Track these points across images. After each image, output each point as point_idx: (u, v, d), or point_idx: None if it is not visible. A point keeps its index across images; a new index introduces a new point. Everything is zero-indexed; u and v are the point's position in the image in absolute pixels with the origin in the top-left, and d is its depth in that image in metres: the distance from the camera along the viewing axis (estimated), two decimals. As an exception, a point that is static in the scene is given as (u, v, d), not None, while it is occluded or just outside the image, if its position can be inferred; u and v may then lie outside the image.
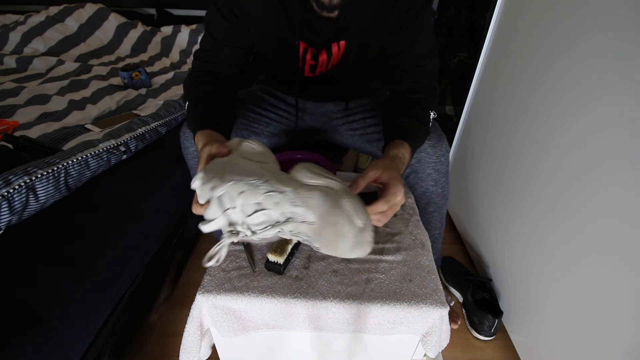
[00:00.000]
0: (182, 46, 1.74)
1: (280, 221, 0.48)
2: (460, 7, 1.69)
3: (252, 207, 0.47)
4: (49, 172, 0.69)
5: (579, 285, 0.71)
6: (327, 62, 0.76)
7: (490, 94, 1.10)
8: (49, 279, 0.62)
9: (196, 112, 0.69)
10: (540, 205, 0.83)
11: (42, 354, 0.55)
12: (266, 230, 0.48)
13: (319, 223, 0.48)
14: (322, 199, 0.48)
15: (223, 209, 0.48)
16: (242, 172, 0.49)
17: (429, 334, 0.62)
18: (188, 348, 0.63)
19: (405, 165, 0.63)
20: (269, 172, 0.51)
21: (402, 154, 0.62)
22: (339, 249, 0.49)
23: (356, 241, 0.48)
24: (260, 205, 0.47)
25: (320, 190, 0.49)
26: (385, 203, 0.54)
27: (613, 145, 0.63)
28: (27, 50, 1.61)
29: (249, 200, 0.47)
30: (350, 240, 0.48)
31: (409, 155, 0.65)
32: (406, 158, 0.63)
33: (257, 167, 0.51)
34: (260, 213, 0.47)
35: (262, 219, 0.47)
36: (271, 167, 0.54)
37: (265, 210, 0.47)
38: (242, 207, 0.47)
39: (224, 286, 0.61)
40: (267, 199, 0.47)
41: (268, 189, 0.47)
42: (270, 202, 0.47)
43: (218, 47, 0.74)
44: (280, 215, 0.48)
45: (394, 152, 0.62)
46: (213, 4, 0.70)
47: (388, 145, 0.65)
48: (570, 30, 0.74)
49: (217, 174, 0.49)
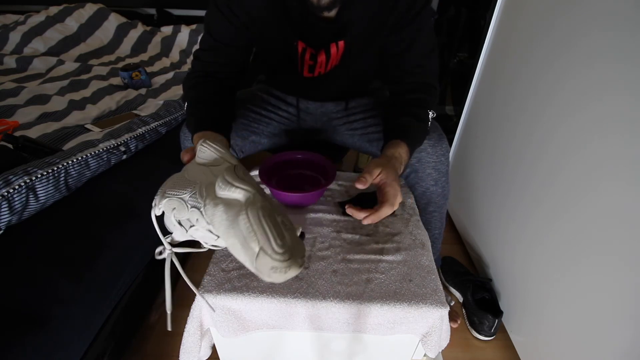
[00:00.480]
0: (182, 46, 1.74)
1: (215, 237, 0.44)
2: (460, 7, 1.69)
3: (187, 222, 0.45)
4: (49, 172, 0.69)
5: (579, 285, 0.71)
6: (326, 62, 0.76)
7: (490, 94, 1.10)
8: (49, 279, 0.62)
9: (195, 113, 0.69)
10: (540, 205, 0.83)
11: (42, 354, 0.55)
12: (211, 239, 0.45)
13: (226, 243, 0.42)
14: (222, 216, 0.41)
15: (168, 226, 0.46)
16: (185, 182, 0.46)
17: (429, 334, 0.62)
18: (188, 348, 0.63)
19: (403, 164, 0.64)
20: (206, 181, 0.46)
21: (399, 153, 0.63)
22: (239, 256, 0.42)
23: (256, 267, 0.38)
24: (190, 221, 0.44)
25: (224, 205, 0.42)
26: (390, 207, 0.56)
27: (613, 145, 0.63)
28: (27, 50, 1.61)
29: (181, 217, 0.44)
30: (249, 265, 0.39)
31: (407, 154, 0.65)
32: (403, 157, 0.64)
33: (201, 174, 0.47)
34: (193, 229, 0.45)
35: (199, 234, 0.45)
36: (219, 169, 0.47)
37: (194, 227, 0.44)
38: (180, 223, 0.45)
39: (224, 286, 0.61)
40: (191, 215, 0.44)
41: (192, 204, 0.44)
42: (194, 218, 0.44)
43: (217, 47, 0.74)
44: (206, 230, 0.44)
45: (391, 152, 0.63)
46: (213, 4, 0.70)
47: (386, 145, 0.66)
48: (570, 30, 0.74)
49: (165, 187, 0.47)
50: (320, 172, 0.81)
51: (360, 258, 0.67)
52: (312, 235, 0.71)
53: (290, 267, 0.38)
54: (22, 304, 0.58)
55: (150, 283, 0.87)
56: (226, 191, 0.42)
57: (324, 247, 0.69)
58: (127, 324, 0.77)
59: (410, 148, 0.66)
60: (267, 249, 0.38)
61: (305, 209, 0.78)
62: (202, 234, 0.45)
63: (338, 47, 0.73)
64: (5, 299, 0.57)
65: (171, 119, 1.06)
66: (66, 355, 0.60)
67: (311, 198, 0.77)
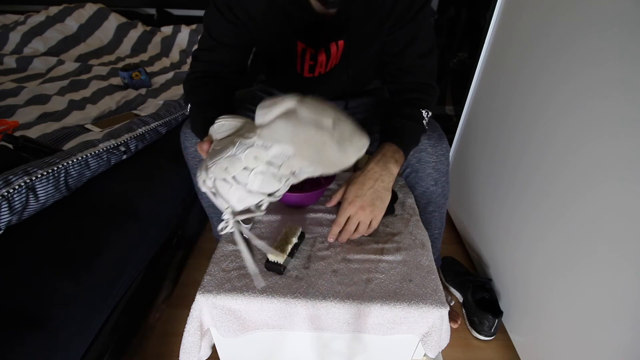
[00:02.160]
0: (182, 46, 1.74)
1: (274, 171, 0.47)
2: (460, 7, 1.69)
3: (244, 174, 0.46)
4: (49, 172, 0.69)
5: (579, 286, 0.71)
6: (326, 62, 0.76)
7: (490, 94, 1.10)
8: (49, 279, 0.62)
9: (200, 118, 0.69)
10: (540, 205, 0.83)
11: (42, 354, 0.55)
12: (272, 187, 0.47)
13: (296, 149, 0.45)
14: (284, 125, 0.44)
15: (225, 195, 0.47)
16: (219, 152, 0.48)
17: (429, 334, 0.62)
18: (188, 348, 0.63)
19: (394, 164, 0.66)
20: (239, 135, 0.49)
21: (383, 154, 0.67)
22: (331, 159, 0.46)
23: (338, 141, 0.44)
24: (247, 168, 0.46)
25: (279, 118, 0.45)
26: (335, 225, 0.66)
27: (613, 145, 0.63)
28: (27, 50, 1.61)
29: (235, 170, 0.46)
30: (332, 143, 0.44)
31: (399, 154, 0.68)
32: (390, 156, 0.66)
33: (230, 139, 0.50)
34: (252, 175, 0.46)
35: (258, 178, 0.46)
36: (245, 128, 0.51)
37: (254, 170, 0.46)
38: (235, 180, 0.46)
39: (224, 286, 0.61)
40: (247, 159, 0.46)
41: (241, 150, 0.46)
42: (251, 159, 0.46)
43: (217, 47, 0.74)
44: (267, 164, 0.46)
45: (374, 157, 0.67)
46: (212, 3, 0.70)
47: (377, 149, 0.69)
48: (570, 30, 0.74)
49: (204, 164, 0.48)
50: (320, 172, 0.81)
51: (360, 258, 0.67)
52: (312, 235, 0.71)
53: (357, 131, 0.45)
54: (22, 304, 0.58)
55: (150, 283, 0.87)
56: (272, 109, 0.45)
57: (324, 247, 0.69)
58: (127, 324, 0.77)
59: (400, 146, 0.68)
60: (340, 115, 0.44)
61: (305, 209, 0.78)
62: (263, 169, 0.46)
63: (338, 47, 0.73)
64: (5, 299, 0.57)
65: (171, 119, 1.06)
66: (66, 355, 0.60)
67: (311, 198, 0.77)
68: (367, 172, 0.66)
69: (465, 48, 1.69)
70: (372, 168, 0.66)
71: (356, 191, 0.65)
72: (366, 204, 0.64)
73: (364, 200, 0.64)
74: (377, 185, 0.65)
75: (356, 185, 0.65)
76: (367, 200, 0.64)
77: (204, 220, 1.19)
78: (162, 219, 0.91)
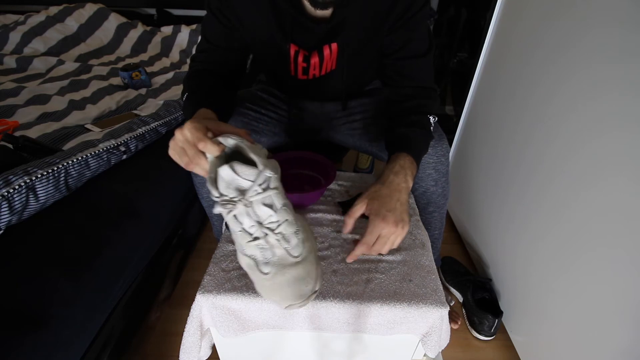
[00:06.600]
0: (182, 46, 1.74)
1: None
2: (460, 7, 1.69)
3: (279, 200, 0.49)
4: (49, 172, 0.69)
5: (579, 285, 0.71)
6: (319, 65, 0.75)
7: (490, 94, 1.10)
8: (49, 279, 0.62)
9: (194, 97, 0.68)
10: (540, 205, 0.83)
11: (42, 354, 0.55)
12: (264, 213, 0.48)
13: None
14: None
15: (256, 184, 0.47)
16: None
17: (429, 334, 0.62)
18: (188, 348, 0.63)
19: (409, 175, 0.62)
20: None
21: (402, 166, 0.62)
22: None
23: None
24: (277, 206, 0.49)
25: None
26: (363, 245, 0.57)
27: (613, 144, 0.63)
28: (27, 50, 1.61)
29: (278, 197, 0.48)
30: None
31: (412, 163, 0.64)
32: (408, 168, 0.62)
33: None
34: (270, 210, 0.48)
35: (269, 212, 0.48)
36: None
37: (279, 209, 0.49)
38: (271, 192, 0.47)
39: (224, 286, 0.61)
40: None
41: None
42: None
43: (214, 50, 0.74)
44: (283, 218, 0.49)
45: (391, 167, 0.62)
46: (207, 6, 0.70)
47: (389, 160, 0.66)
48: (570, 30, 0.74)
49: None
50: (321, 172, 0.81)
51: (360, 258, 0.67)
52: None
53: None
54: (22, 304, 0.58)
55: (150, 283, 0.87)
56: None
57: (324, 247, 0.69)
58: (127, 324, 0.77)
59: (415, 158, 0.65)
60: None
61: (305, 209, 0.78)
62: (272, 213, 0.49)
63: (331, 50, 0.72)
64: (5, 299, 0.57)
65: (171, 119, 1.05)
66: (66, 355, 0.60)
67: (311, 198, 0.77)
68: (390, 184, 0.59)
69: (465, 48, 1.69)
70: (393, 180, 0.60)
71: (387, 205, 0.57)
72: (398, 219, 0.56)
73: (396, 215, 0.56)
74: (402, 199, 0.58)
75: (384, 198, 0.58)
76: (399, 215, 0.56)
77: (204, 220, 1.19)
78: (162, 219, 0.91)
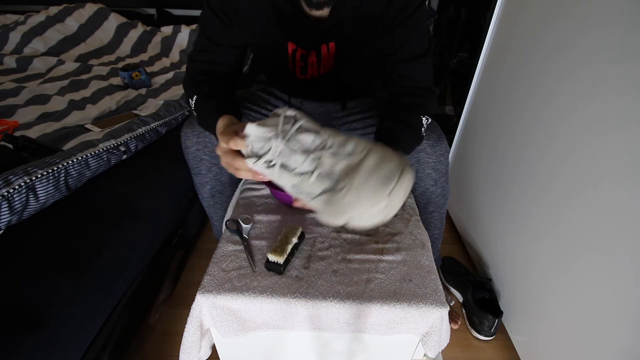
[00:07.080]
0: (182, 46, 1.74)
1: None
2: (460, 7, 1.69)
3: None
4: (49, 172, 0.69)
5: (578, 285, 0.71)
6: (317, 64, 0.75)
7: (490, 94, 1.10)
8: (49, 279, 0.62)
9: (212, 103, 0.68)
10: (540, 205, 0.83)
11: (42, 354, 0.55)
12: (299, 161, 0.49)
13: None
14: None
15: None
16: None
17: (429, 334, 0.62)
18: (188, 348, 0.63)
19: None
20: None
21: None
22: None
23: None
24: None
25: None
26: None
27: (613, 145, 0.63)
28: (27, 50, 1.61)
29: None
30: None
31: None
32: None
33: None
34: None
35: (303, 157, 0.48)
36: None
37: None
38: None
39: (224, 286, 0.61)
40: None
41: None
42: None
43: (213, 47, 0.73)
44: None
45: None
46: (206, 4, 0.70)
47: None
48: (570, 30, 0.74)
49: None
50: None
51: (360, 258, 0.67)
52: (312, 235, 0.71)
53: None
54: (22, 304, 0.58)
55: (150, 283, 0.87)
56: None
57: (324, 247, 0.69)
58: (127, 324, 0.77)
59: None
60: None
61: (305, 209, 0.78)
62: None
63: (329, 49, 0.72)
64: (5, 299, 0.57)
65: (171, 119, 1.06)
66: (66, 355, 0.60)
67: (311, 198, 0.77)
68: None
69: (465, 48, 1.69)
70: None
71: None
72: None
73: None
74: None
75: None
76: None
77: (204, 220, 1.19)
78: (162, 219, 0.91)
